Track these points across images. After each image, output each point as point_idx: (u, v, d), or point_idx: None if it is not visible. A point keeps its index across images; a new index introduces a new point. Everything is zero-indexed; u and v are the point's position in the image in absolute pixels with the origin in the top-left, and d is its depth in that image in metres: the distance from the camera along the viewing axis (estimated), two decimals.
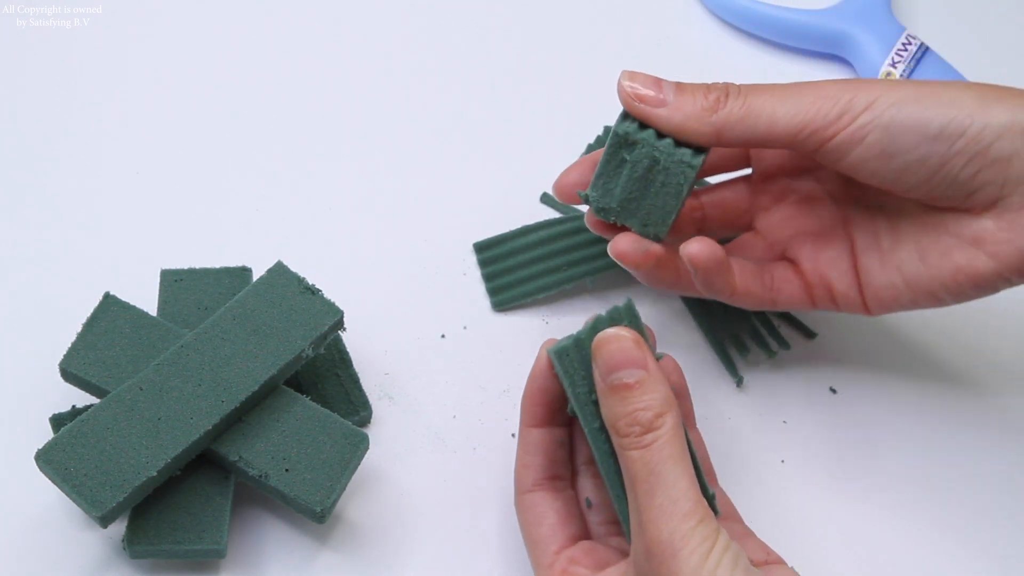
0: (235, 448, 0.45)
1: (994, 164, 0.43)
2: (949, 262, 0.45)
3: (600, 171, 0.47)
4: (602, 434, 0.42)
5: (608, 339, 0.41)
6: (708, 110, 0.45)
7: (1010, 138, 0.42)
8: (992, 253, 0.44)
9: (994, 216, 0.44)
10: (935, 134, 0.43)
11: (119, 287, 0.50)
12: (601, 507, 0.45)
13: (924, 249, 0.46)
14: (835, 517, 0.49)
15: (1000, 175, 0.43)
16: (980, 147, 0.43)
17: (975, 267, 0.44)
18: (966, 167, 0.43)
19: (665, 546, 0.38)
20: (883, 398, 0.52)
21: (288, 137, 0.60)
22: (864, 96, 0.44)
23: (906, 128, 0.43)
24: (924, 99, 0.43)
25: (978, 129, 0.42)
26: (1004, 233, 0.44)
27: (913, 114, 0.43)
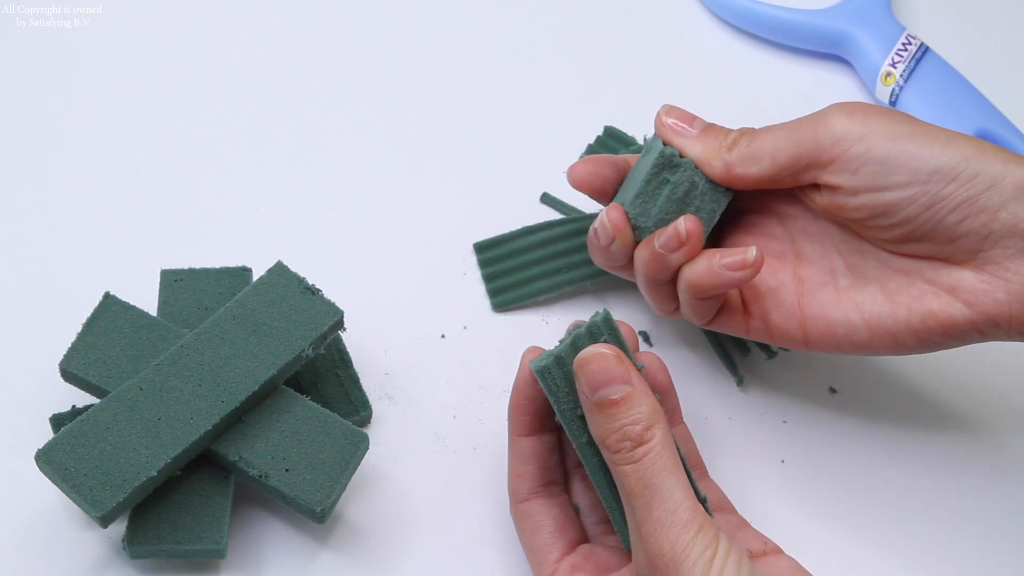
0: (235, 448, 0.45)
1: (981, 213, 0.42)
2: (921, 306, 0.44)
3: (641, 190, 0.47)
4: (591, 448, 0.42)
5: (589, 358, 0.41)
6: (724, 148, 0.47)
7: (1000, 190, 0.42)
8: (969, 303, 0.43)
9: (973, 267, 0.43)
10: (929, 173, 0.43)
11: (119, 287, 0.50)
12: (593, 508, 0.46)
13: (892, 292, 0.45)
14: (834, 517, 0.49)
15: (985, 226, 0.42)
16: (971, 194, 0.42)
17: (950, 314, 0.44)
18: (954, 212, 0.43)
19: (668, 559, 0.38)
20: (883, 398, 0.52)
21: (288, 137, 0.60)
22: (858, 127, 0.44)
23: (900, 164, 0.43)
24: (920, 137, 0.43)
25: (971, 175, 0.42)
26: (983, 284, 0.43)
27: (908, 151, 0.43)
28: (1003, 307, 0.43)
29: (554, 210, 0.58)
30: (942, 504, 0.50)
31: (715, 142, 0.47)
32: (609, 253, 0.48)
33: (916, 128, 0.44)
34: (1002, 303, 0.43)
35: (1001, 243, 0.42)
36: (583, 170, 0.49)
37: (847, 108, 0.45)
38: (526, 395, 0.44)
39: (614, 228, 0.47)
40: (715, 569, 0.37)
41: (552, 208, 0.58)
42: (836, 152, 0.44)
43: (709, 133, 0.48)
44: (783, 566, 0.42)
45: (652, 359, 0.46)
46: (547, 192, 0.58)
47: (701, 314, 0.48)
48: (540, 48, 0.65)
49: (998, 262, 0.43)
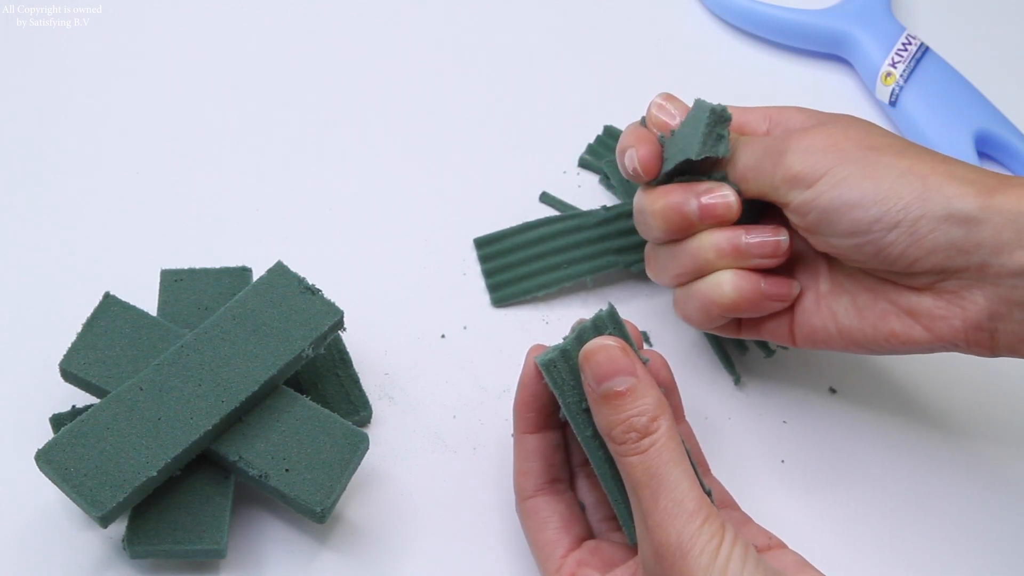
0: (235, 448, 0.45)
1: (930, 255, 0.42)
2: (884, 325, 0.45)
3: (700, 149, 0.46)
4: (596, 441, 0.42)
5: (595, 350, 0.41)
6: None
7: (946, 229, 0.42)
8: (927, 327, 0.44)
9: (933, 294, 0.44)
10: (869, 223, 0.43)
11: (119, 287, 0.50)
12: (598, 505, 0.46)
13: (860, 307, 0.46)
14: (834, 517, 0.49)
15: (937, 264, 0.42)
16: (916, 238, 0.42)
17: (910, 335, 0.44)
18: (903, 255, 0.43)
19: (674, 548, 0.38)
20: (883, 398, 0.52)
21: (288, 137, 0.60)
22: (815, 164, 0.44)
23: (841, 216, 0.43)
24: (865, 179, 0.43)
25: (912, 221, 0.42)
26: (940, 311, 0.43)
27: (850, 201, 0.43)
28: (959, 333, 0.43)
29: (554, 209, 0.58)
30: (942, 504, 0.50)
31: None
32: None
33: (865, 168, 0.43)
34: (957, 329, 0.43)
35: (955, 277, 0.43)
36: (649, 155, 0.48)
37: (807, 141, 0.45)
38: (531, 392, 0.45)
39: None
40: (721, 558, 0.38)
41: (552, 207, 0.58)
42: (787, 195, 0.45)
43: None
44: (788, 560, 0.42)
45: (655, 356, 0.47)
46: (546, 192, 0.58)
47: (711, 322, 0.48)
48: (540, 48, 0.65)
49: (954, 291, 0.43)
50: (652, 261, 0.50)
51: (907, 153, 0.44)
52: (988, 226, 0.41)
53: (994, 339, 0.43)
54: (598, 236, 0.55)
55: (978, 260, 0.41)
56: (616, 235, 0.55)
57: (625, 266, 0.55)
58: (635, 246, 0.55)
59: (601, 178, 0.59)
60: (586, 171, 0.60)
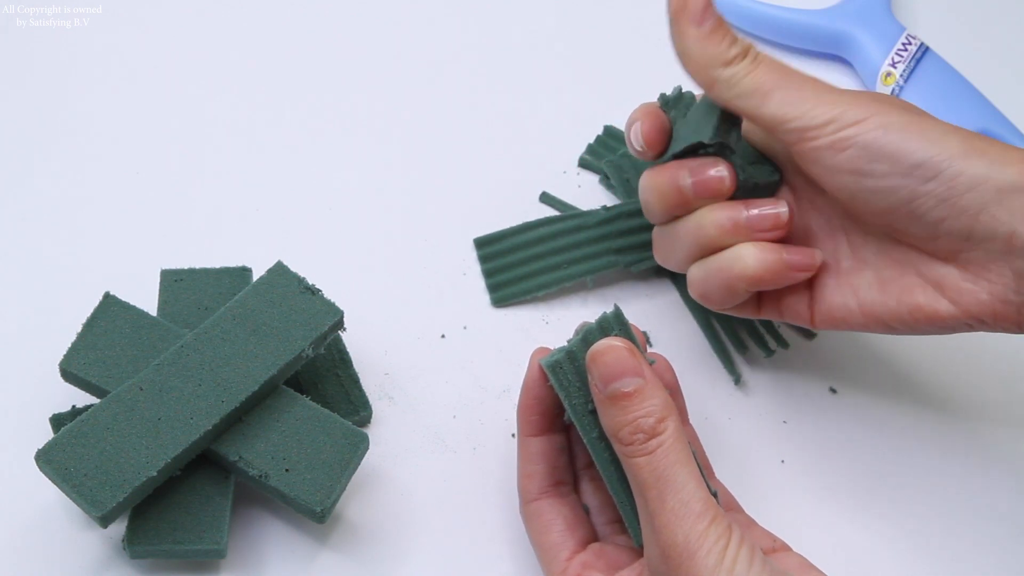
0: (235, 448, 0.45)
1: (961, 215, 0.42)
2: (910, 298, 0.44)
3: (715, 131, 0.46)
4: (602, 442, 0.42)
5: (602, 351, 0.41)
6: (721, 61, 0.45)
7: (982, 192, 0.41)
8: (954, 300, 0.43)
9: (958, 265, 0.43)
10: (909, 168, 0.42)
11: (119, 287, 0.50)
12: (603, 508, 0.46)
13: (885, 281, 0.45)
14: (835, 517, 0.49)
15: (966, 228, 0.42)
16: (951, 194, 0.42)
17: (936, 309, 0.44)
18: (933, 210, 0.42)
19: (681, 549, 0.38)
20: (883, 398, 0.52)
21: (288, 137, 0.60)
22: (856, 111, 0.43)
23: (884, 154, 0.42)
24: (911, 128, 0.42)
25: (952, 175, 0.41)
26: (968, 284, 0.43)
27: (895, 141, 0.42)
28: (986, 307, 0.42)
29: (554, 209, 0.58)
30: (943, 503, 0.50)
31: (715, 47, 0.45)
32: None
33: (911, 119, 0.43)
34: (985, 303, 0.42)
35: (982, 245, 0.42)
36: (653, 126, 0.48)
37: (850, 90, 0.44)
38: (535, 395, 0.45)
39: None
40: (728, 558, 0.38)
41: (552, 207, 0.58)
42: (826, 128, 0.43)
43: (714, 34, 0.45)
44: (793, 562, 0.42)
45: (659, 359, 0.47)
46: (546, 192, 0.58)
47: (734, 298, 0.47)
48: (540, 47, 0.65)
49: (980, 263, 0.42)
50: (658, 244, 0.50)
51: (943, 121, 0.43)
52: (1021, 194, 0.40)
53: (1021, 313, 0.42)
54: (598, 236, 0.55)
55: (1007, 230, 0.41)
56: (616, 235, 0.55)
57: (625, 266, 0.55)
58: (635, 246, 0.55)
59: (601, 178, 0.59)
60: (586, 171, 0.60)
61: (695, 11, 0.45)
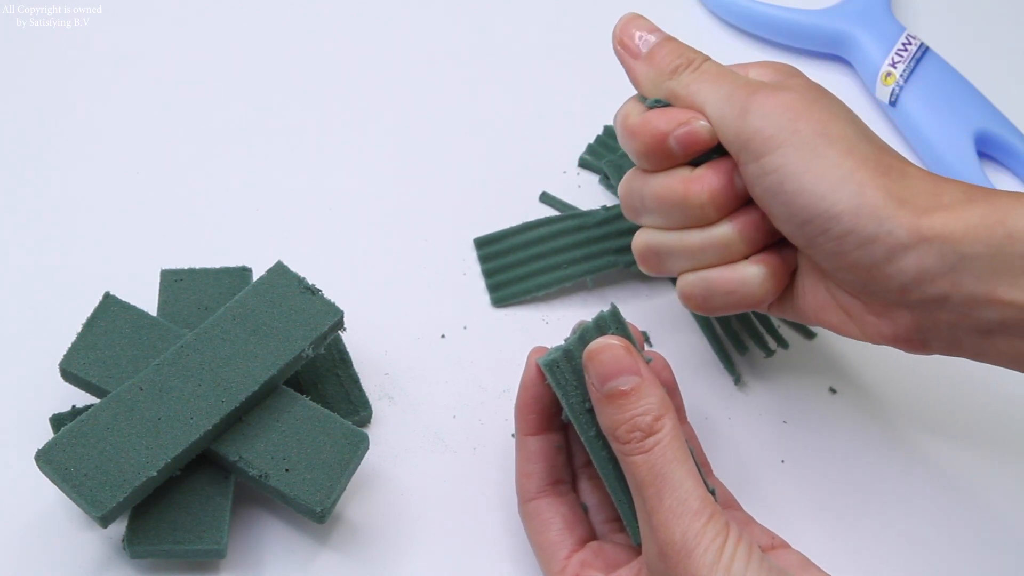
0: (235, 448, 0.45)
1: (853, 269, 0.41)
2: (825, 315, 0.45)
3: None
4: (599, 441, 0.42)
5: (599, 349, 0.41)
6: (664, 75, 0.45)
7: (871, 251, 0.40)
8: (861, 327, 0.43)
9: (863, 300, 0.43)
10: (802, 221, 0.41)
11: (119, 287, 0.50)
12: (601, 506, 0.46)
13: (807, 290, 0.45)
14: (834, 517, 0.49)
15: (860, 280, 0.41)
16: (841, 250, 0.41)
17: (848, 332, 0.44)
18: (826, 260, 0.42)
19: (679, 546, 0.38)
20: (883, 398, 0.52)
21: (288, 137, 0.60)
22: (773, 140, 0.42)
23: (782, 202, 0.42)
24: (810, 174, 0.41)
25: (841, 233, 0.40)
26: (871, 318, 0.43)
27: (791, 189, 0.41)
28: (889, 339, 0.43)
29: (554, 209, 0.58)
30: (943, 503, 0.50)
31: (659, 65, 0.45)
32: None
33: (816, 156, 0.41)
34: (888, 336, 0.43)
35: (878, 295, 0.42)
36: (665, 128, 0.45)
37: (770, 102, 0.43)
38: (533, 394, 0.45)
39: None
40: (726, 556, 0.38)
41: (552, 207, 0.58)
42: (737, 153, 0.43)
43: (654, 58, 0.46)
44: (792, 559, 0.42)
45: (656, 357, 0.47)
46: (546, 192, 0.58)
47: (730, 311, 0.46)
48: (540, 47, 0.65)
49: (881, 304, 0.42)
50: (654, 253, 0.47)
51: (855, 151, 0.41)
52: (913, 254, 0.40)
53: (926, 345, 0.43)
54: (598, 236, 0.55)
55: (898, 285, 0.41)
56: (616, 235, 0.55)
57: (625, 266, 0.55)
58: None
59: (601, 178, 0.59)
60: (586, 171, 0.60)
61: (632, 48, 0.47)
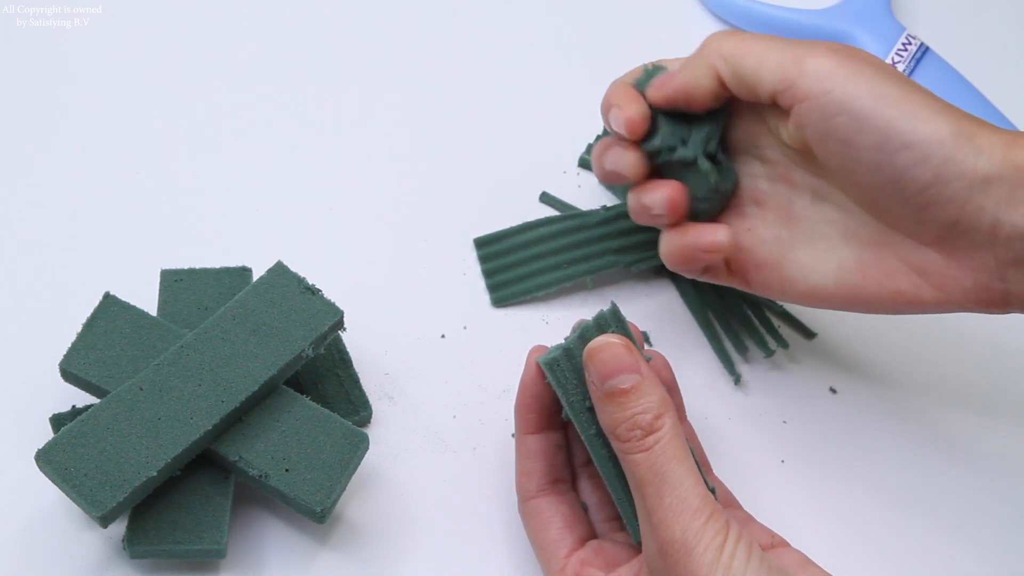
0: (235, 448, 0.45)
1: (947, 203, 0.41)
2: (892, 284, 0.43)
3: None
4: (599, 439, 0.42)
5: (599, 347, 0.41)
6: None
7: (969, 181, 0.40)
8: (937, 286, 0.42)
9: (943, 252, 0.42)
10: (898, 147, 0.41)
11: (119, 287, 0.50)
12: (601, 505, 0.46)
13: (866, 264, 0.44)
14: (834, 517, 0.49)
15: (951, 216, 0.41)
16: (937, 181, 0.40)
17: (918, 295, 0.43)
18: (919, 195, 0.41)
19: (679, 544, 0.38)
20: (883, 398, 0.52)
21: (288, 137, 0.60)
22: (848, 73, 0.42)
23: (875, 127, 0.41)
24: (904, 104, 0.41)
25: (940, 161, 0.40)
26: (951, 271, 0.42)
27: (887, 117, 0.41)
28: (970, 294, 0.42)
29: (554, 209, 0.58)
30: (943, 503, 0.50)
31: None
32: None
33: (904, 93, 0.41)
34: (968, 290, 0.42)
35: (966, 235, 0.41)
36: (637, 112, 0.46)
37: (837, 49, 0.43)
38: (532, 393, 0.45)
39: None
40: (726, 554, 0.38)
41: (552, 207, 0.58)
42: (817, 90, 0.42)
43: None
44: (791, 558, 0.42)
45: (656, 356, 0.47)
46: (546, 192, 0.58)
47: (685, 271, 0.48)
48: (540, 47, 0.65)
49: (964, 250, 0.41)
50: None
51: (937, 97, 0.42)
52: (1005, 184, 0.40)
53: (1006, 298, 0.41)
54: (598, 236, 0.55)
55: (991, 219, 0.40)
56: (616, 235, 0.55)
57: (625, 266, 0.55)
58: (635, 246, 0.55)
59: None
60: (586, 171, 0.60)
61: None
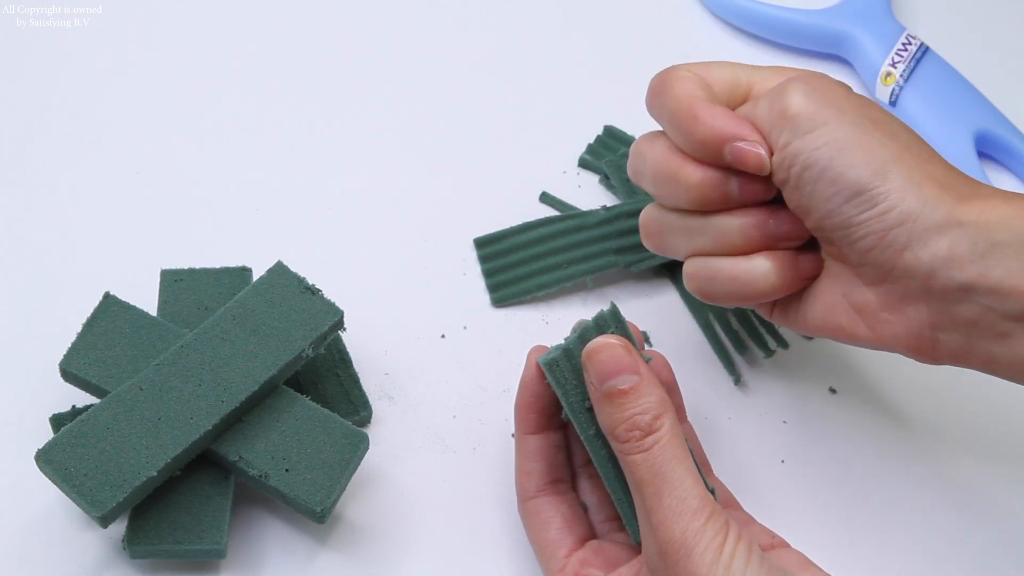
0: (235, 448, 0.45)
1: (887, 249, 0.41)
2: (833, 318, 0.44)
3: None
4: (599, 440, 0.42)
5: (598, 348, 0.41)
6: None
7: (909, 229, 0.40)
8: (871, 327, 0.43)
9: (880, 295, 0.42)
10: (848, 196, 0.41)
11: (119, 287, 0.50)
12: (601, 506, 0.46)
13: (817, 294, 0.45)
14: (834, 517, 0.49)
15: (889, 261, 0.41)
16: (882, 227, 0.41)
17: (855, 332, 0.43)
18: (863, 240, 0.41)
19: (679, 545, 0.38)
20: (883, 398, 0.52)
21: (288, 137, 0.60)
22: (820, 115, 0.42)
23: (828, 179, 0.41)
24: (860, 148, 0.41)
25: (886, 208, 0.41)
26: (885, 315, 0.42)
27: (841, 164, 0.41)
28: (900, 340, 0.42)
29: (554, 209, 0.58)
30: (943, 503, 0.50)
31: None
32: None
33: (864, 134, 0.42)
34: (900, 336, 0.42)
35: (902, 281, 0.41)
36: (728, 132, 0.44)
37: (812, 83, 0.43)
38: (532, 392, 0.45)
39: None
40: (725, 555, 0.38)
41: (552, 207, 0.58)
42: (783, 139, 0.42)
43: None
44: (792, 558, 0.42)
45: (656, 356, 0.47)
46: (546, 192, 0.58)
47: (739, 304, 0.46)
48: (540, 47, 0.65)
49: (901, 297, 0.42)
50: (656, 230, 0.47)
51: (898, 137, 0.42)
52: (946, 237, 0.40)
53: (936, 348, 0.42)
54: (598, 236, 0.55)
55: (927, 269, 0.40)
56: (616, 235, 0.55)
57: (625, 266, 0.55)
58: (635, 246, 0.55)
59: (601, 178, 0.59)
60: (586, 171, 0.60)
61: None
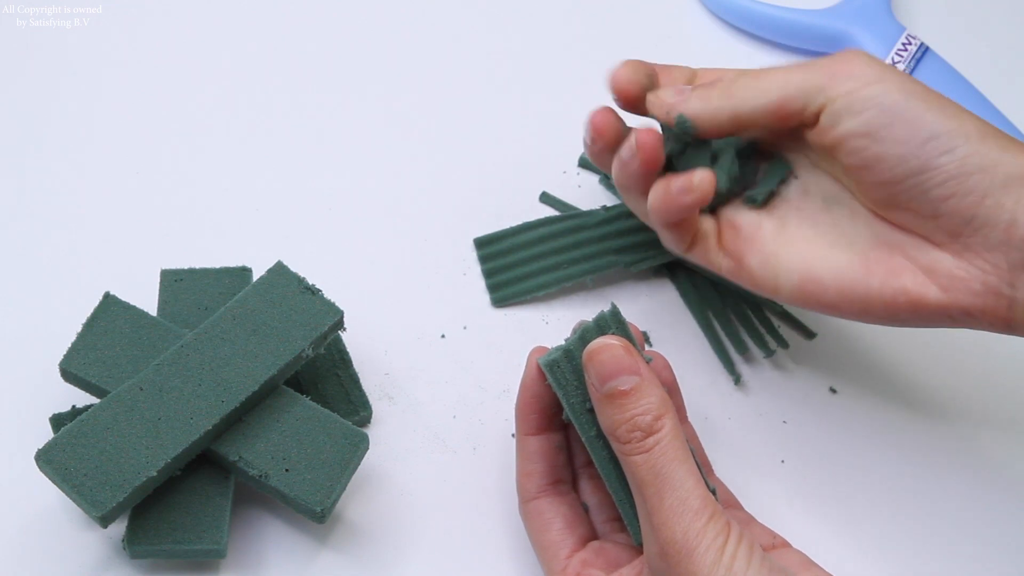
0: (235, 448, 0.45)
1: (967, 196, 0.41)
2: (896, 280, 0.43)
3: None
4: (600, 441, 0.42)
5: (599, 349, 0.41)
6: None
7: (991, 176, 0.40)
8: (945, 287, 0.42)
9: (954, 252, 0.42)
10: (926, 138, 0.41)
11: (119, 287, 0.50)
12: (602, 506, 0.46)
13: (870, 261, 0.44)
14: (835, 517, 0.49)
15: (969, 210, 0.41)
16: (961, 172, 0.41)
17: (922, 294, 0.42)
18: (940, 186, 0.41)
19: (680, 546, 0.38)
20: (883, 398, 0.52)
21: (288, 137, 0.60)
22: (877, 72, 0.42)
23: (904, 119, 0.42)
24: (931, 100, 0.42)
25: (965, 153, 0.41)
26: (960, 271, 0.42)
27: (916, 109, 0.42)
28: (977, 298, 0.41)
29: (554, 209, 0.58)
30: (943, 502, 0.50)
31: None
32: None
33: (929, 93, 0.42)
34: (976, 294, 0.41)
35: (981, 232, 0.41)
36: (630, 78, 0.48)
37: (865, 54, 0.44)
38: (533, 393, 0.45)
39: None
40: (727, 555, 0.38)
41: (552, 207, 0.58)
42: (849, 87, 0.43)
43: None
44: (793, 559, 0.42)
45: (657, 357, 0.47)
46: (546, 192, 0.58)
47: (673, 241, 0.47)
48: (540, 47, 0.65)
49: (977, 251, 0.41)
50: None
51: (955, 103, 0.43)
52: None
53: (1012, 309, 0.41)
54: (598, 236, 0.55)
55: (1008, 218, 0.40)
56: (616, 235, 0.55)
57: (625, 266, 0.55)
58: (635, 246, 0.55)
59: (601, 178, 0.59)
60: (586, 171, 0.60)
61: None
